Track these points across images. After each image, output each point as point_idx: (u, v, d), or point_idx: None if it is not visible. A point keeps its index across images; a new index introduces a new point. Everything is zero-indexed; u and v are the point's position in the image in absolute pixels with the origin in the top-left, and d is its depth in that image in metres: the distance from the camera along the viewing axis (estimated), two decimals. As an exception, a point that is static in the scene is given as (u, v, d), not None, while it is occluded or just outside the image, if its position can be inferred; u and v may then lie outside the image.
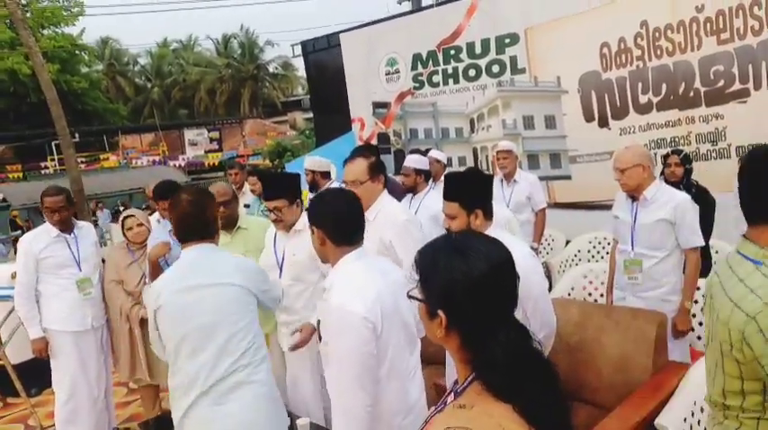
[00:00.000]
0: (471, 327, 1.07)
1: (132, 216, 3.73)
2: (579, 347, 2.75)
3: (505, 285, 1.09)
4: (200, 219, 2.23)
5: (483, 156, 6.61)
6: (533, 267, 2.31)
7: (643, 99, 5.15)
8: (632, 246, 3.12)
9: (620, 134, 5.28)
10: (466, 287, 1.05)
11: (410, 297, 1.17)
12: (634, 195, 3.10)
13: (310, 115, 18.95)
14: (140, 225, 3.67)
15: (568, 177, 5.80)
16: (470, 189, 2.39)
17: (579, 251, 4.82)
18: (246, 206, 5.01)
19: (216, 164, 23.57)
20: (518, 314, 1.18)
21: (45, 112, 11.92)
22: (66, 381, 3.56)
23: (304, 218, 3.08)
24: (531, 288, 2.23)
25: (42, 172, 20.49)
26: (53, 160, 20.79)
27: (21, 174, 20.42)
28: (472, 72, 6.44)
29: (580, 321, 2.83)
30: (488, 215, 2.38)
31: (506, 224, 3.10)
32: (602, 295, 3.54)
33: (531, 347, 1.08)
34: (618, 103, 5.32)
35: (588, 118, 5.54)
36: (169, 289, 2.17)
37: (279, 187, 3.00)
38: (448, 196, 2.38)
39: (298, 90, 38.90)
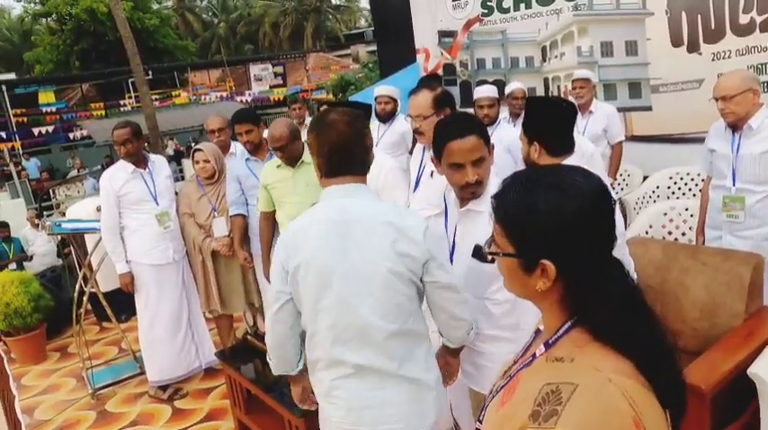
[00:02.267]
0: (582, 270, 0.93)
1: (200, 150, 3.80)
2: (661, 290, 2.62)
3: (608, 216, 0.95)
4: (359, 144, 1.73)
5: (554, 86, 6.24)
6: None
7: (744, 19, 4.63)
8: (733, 181, 2.87)
9: (713, 59, 4.81)
10: (575, 223, 0.91)
11: (491, 253, 1.02)
12: (735, 125, 2.84)
13: (373, 48, 18.50)
14: (206, 161, 3.74)
15: (649, 108, 5.40)
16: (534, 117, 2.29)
17: (658, 187, 4.56)
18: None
19: (280, 99, 23.69)
20: None
21: (122, 51, 12.25)
22: (148, 312, 3.78)
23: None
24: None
25: (121, 109, 21.30)
26: (130, 98, 21.55)
27: (103, 112, 21.33)
28: (546, -5, 6.00)
29: (663, 262, 2.68)
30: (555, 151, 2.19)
31: (589, 157, 2.90)
32: (683, 234, 3.34)
33: (635, 288, 0.96)
34: (712, 24, 4.82)
35: (676, 42, 5.07)
36: (314, 244, 1.67)
37: None
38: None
39: (360, 23, 38.15)
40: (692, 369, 2.09)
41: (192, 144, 15.61)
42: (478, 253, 1.06)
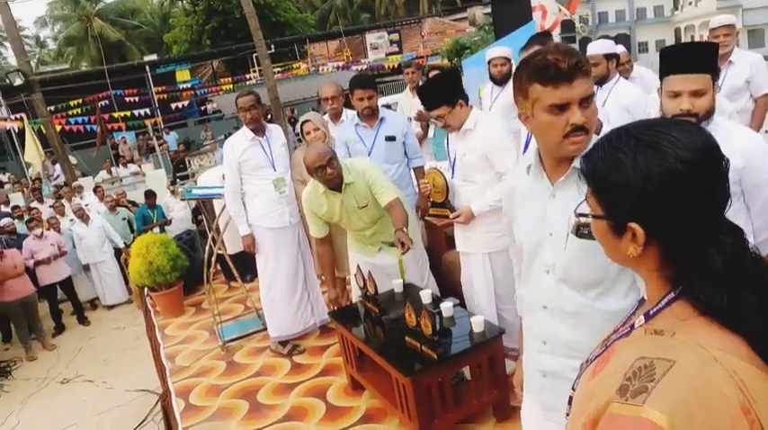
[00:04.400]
0: (677, 235, 0.85)
1: (309, 121, 3.93)
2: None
3: (712, 177, 0.84)
4: None
5: (688, 36, 5.71)
6: (765, 157, 1.87)
7: None
8: None
9: None
10: (665, 185, 0.82)
11: (580, 215, 0.97)
12: None
13: (490, 10, 17.85)
14: (316, 129, 3.87)
15: (805, 55, 4.72)
16: (714, 55, 1.95)
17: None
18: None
19: (396, 66, 23.75)
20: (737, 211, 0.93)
21: (248, 27, 12.92)
22: (267, 273, 4.03)
23: (473, 116, 2.98)
24: (760, 180, 1.85)
25: (247, 83, 22.57)
26: (255, 71, 22.75)
27: (231, 87, 22.79)
28: (681, -66, 5.40)
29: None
30: None
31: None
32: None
33: (752, 256, 0.85)
34: None
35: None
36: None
37: (435, 96, 2.92)
38: (694, 67, 1.88)
39: (478, -18, 36.85)
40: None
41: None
42: (576, 215, 1.01)
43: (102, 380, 6.37)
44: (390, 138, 3.75)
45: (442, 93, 2.92)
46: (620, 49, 4.13)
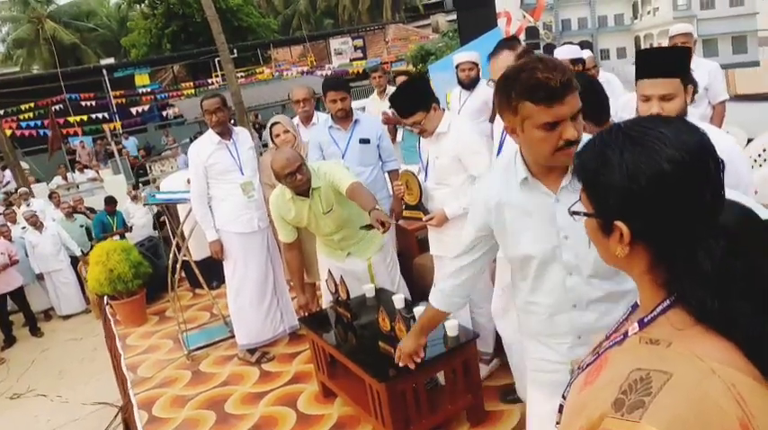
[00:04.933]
0: (666, 236, 0.82)
1: (278, 123, 3.87)
2: None
3: (702, 177, 0.80)
4: None
5: (647, 44, 5.88)
6: (741, 157, 1.90)
7: None
8: None
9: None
10: (651, 185, 0.79)
11: (573, 213, 0.95)
12: None
13: (453, 17, 18.04)
14: (286, 131, 3.81)
15: (756, 64, 4.98)
16: (685, 60, 1.95)
17: (765, 150, 4.18)
18: (383, 113, 5.09)
19: (360, 71, 23.79)
20: None
21: (209, 31, 12.75)
22: (235, 279, 3.93)
23: (446, 119, 2.98)
24: (740, 181, 1.83)
25: (209, 87, 22.20)
26: (217, 76, 22.41)
27: (193, 91, 22.40)
28: (640, -55, 5.57)
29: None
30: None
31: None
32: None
33: (746, 260, 0.80)
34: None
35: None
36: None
37: (410, 103, 2.90)
38: (663, 71, 1.88)
39: (440, -10, 37.29)
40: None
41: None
42: (570, 212, 0.99)
43: (56, 393, 6.09)
44: (365, 141, 3.72)
45: (417, 98, 2.89)
46: (586, 53, 4.20)
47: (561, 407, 1.01)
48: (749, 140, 4.34)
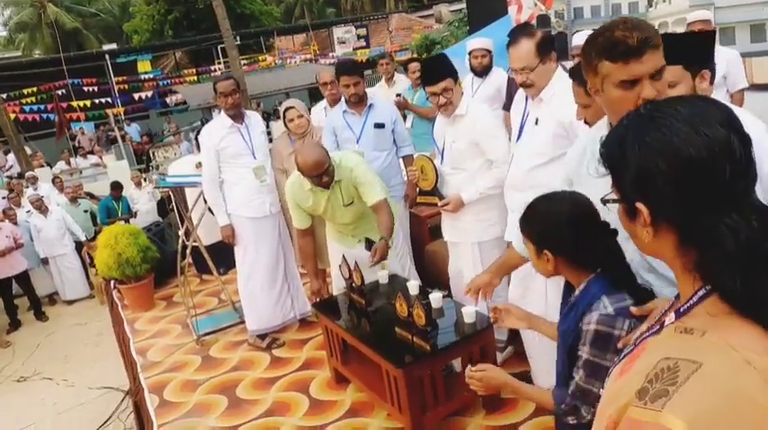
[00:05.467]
0: (686, 215, 0.79)
1: (292, 107, 3.82)
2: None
3: (722, 152, 0.76)
4: None
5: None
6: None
7: None
8: None
9: None
10: (668, 162, 0.77)
11: (604, 201, 0.93)
12: None
13: (456, 7, 17.92)
14: (300, 116, 3.77)
15: (774, 53, 4.86)
16: (695, 46, 1.87)
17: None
18: (398, 95, 5.03)
19: (363, 61, 23.67)
20: None
21: (211, 18, 12.66)
22: (246, 263, 3.89)
23: (464, 101, 2.94)
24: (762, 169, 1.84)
25: (212, 74, 22.09)
26: (220, 63, 22.29)
27: (195, 78, 22.28)
28: (656, -68, 5.49)
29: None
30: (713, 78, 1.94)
31: None
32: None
33: None
34: None
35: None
36: None
37: (442, 68, 2.89)
38: (670, 59, 1.92)
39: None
40: None
41: (278, 106, 16.01)
42: (602, 200, 0.97)
43: (62, 377, 6.09)
44: (379, 125, 3.67)
45: (447, 65, 2.90)
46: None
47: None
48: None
